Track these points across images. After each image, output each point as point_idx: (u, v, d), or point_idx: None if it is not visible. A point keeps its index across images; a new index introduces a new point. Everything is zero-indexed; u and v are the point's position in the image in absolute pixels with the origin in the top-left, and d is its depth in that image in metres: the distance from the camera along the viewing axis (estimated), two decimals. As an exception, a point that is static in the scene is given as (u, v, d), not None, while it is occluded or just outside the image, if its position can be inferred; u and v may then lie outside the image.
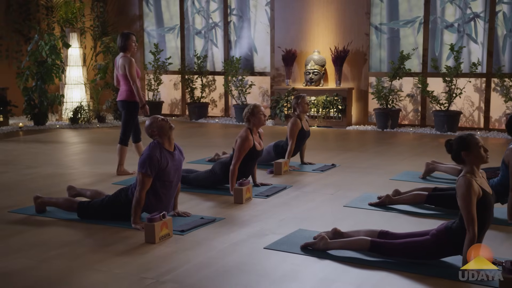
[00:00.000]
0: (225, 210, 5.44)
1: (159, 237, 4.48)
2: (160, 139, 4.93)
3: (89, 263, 4.05)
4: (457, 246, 3.80)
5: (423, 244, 3.92)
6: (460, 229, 3.79)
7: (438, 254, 3.93)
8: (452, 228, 3.85)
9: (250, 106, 6.16)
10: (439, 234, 3.89)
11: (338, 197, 5.94)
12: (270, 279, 3.78)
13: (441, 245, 3.86)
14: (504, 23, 10.63)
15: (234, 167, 5.97)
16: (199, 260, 4.11)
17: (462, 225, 3.77)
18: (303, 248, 4.30)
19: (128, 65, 6.87)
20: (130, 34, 7.01)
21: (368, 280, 3.75)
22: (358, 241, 4.13)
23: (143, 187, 4.76)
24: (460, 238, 3.78)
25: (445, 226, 3.92)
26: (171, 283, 3.68)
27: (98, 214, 5.04)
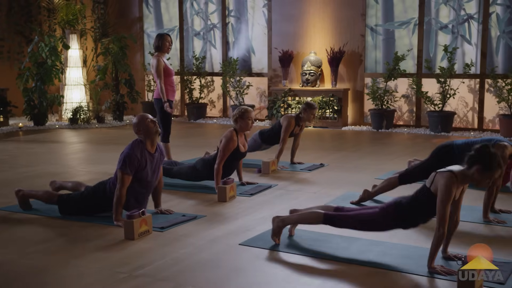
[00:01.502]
0: (208, 208, 5.57)
1: (138, 234, 4.61)
2: (143, 139, 5.05)
3: (66, 258, 4.17)
4: (403, 221, 4.04)
5: (372, 216, 4.11)
6: (409, 206, 3.98)
7: (385, 226, 4.12)
8: (401, 203, 4.02)
9: (241, 109, 6.24)
10: (388, 207, 4.07)
11: (322, 195, 6.05)
12: (241, 274, 3.89)
13: (388, 218, 4.05)
14: (497, 24, 10.71)
15: (218, 166, 6.09)
16: (174, 255, 4.24)
17: (412, 203, 3.97)
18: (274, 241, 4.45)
19: (154, 64, 7.27)
20: (165, 35, 7.40)
21: (335, 274, 3.86)
22: (312, 214, 4.32)
23: (123, 185, 4.88)
24: (406, 214, 4.00)
25: (394, 201, 4.09)
26: (143, 277, 3.80)
27: (78, 205, 5.18)
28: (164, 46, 7.34)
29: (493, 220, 4.97)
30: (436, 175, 3.87)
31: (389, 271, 3.90)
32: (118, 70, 12.74)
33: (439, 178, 3.82)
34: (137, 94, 12.77)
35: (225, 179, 5.94)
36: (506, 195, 5.98)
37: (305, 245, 4.42)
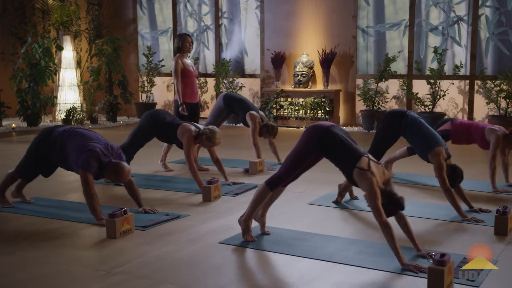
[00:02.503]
0: (192, 208, 5.64)
1: (120, 232, 4.68)
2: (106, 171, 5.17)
3: (45, 256, 4.24)
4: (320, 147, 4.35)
5: (293, 152, 4.45)
6: (331, 146, 4.30)
7: (308, 151, 4.40)
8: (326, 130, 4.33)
9: (211, 131, 6.27)
10: (302, 135, 4.44)
11: (305, 195, 6.12)
12: (219, 272, 3.96)
13: (306, 144, 4.39)
14: (486, 26, 10.79)
15: (191, 166, 6.18)
16: (154, 253, 4.31)
17: (334, 149, 4.30)
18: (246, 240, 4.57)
19: (173, 66, 7.29)
20: (186, 35, 7.37)
21: (314, 270, 3.93)
22: (258, 192, 4.55)
23: (90, 184, 4.97)
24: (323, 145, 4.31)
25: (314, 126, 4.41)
26: (121, 274, 3.87)
27: (27, 160, 5.49)
28: (184, 47, 7.31)
29: (471, 219, 5.04)
30: (356, 172, 4.12)
31: (365, 268, 3.97)
32: (112, 71, 12.82)
33: (363, 178, 4.08)
34: (130, 95, 12.84)
35: (210, 179, 6.01)
36: (486, 194, 6.06)
37: (284, 244, 4.49)
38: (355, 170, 4.13)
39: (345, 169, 4.25)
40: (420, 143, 5.51)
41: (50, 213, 5.38)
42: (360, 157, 4.16)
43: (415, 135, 5.57)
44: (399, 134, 5.74)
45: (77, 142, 5.18)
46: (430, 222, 5.12)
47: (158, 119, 6.57)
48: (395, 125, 5.69)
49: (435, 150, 5.32)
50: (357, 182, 4.17)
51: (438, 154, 5.29)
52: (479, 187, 6.39)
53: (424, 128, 5.55)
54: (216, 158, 6.63)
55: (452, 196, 5.15)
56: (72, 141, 5.22)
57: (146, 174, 7.26)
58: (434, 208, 5.51)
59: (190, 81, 7.37)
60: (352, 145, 4.26)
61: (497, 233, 4.66)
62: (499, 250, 4.30)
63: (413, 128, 5.57)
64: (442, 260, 3.53)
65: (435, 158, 5.30)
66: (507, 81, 10.22)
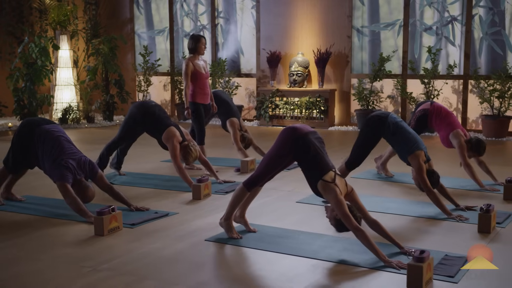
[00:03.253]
0: (182, 206, 5.70)
1: (108, 230, 4.73)
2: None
3: (32, 253, 4.30)
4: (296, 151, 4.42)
5: (270, 152, 4.53)
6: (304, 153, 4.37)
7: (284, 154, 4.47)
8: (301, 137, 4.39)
9: (187, 152, 6.37)
10: (279, 136, 4.50)
11: (295, 193, 6.17)
12: (203, 268, 4.02)
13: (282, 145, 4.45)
14: (480, 26, 10.84)
15: (178, 167, 6.26)
16: (141, 251, 4.36)
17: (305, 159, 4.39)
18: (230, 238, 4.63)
19: (184, 67, 7.21)
20: (200, 37, 7.27)
21: (297, 267, 3.98)
22: (236, 193, 4.63)
23: (70, 193, 5.07)
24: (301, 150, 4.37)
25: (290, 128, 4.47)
26: (106, 271, 3.93)
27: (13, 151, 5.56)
28: (200, 48, 7.24)
29: (456, 217, 5.09)
30: (321, 183, 4.25)
31: (348, 265, 4.03)
32: (108, 70, 12.88)
33: (327, 189, 4.21)
34: (127, 94, 12.89)
35: (200, 177, 6.07)
36: (474, 192, 6.12)
37: (269, 241, 4.54)
38: (320, 181, 4.26)
39: (311, 178, 4.35)
40: (400, 146, 5.56)
41: (40, 211, 5.44)
42: (328, 171, 4.28)
43: (396, 138, 5.61)
44: (380, 137, 5.77)
45: (52, 154, 5.25)
46: (415, 220, 5.17)
47: (149, 109, 6.60)
48: (376, 129, 5.72)
49: (415, 153, 5.38)
50: (321, 193, 4.29)
51: (417, 156, 5.36)
52: (469, 185, 6.43)
53: (404, 131, 5.59)
54: (203, 159, 6.70)
55: (435, 196, 5.21)
56: (47, 148, 5.29)
57: (140, 172, 7.30)
58: (420, 206, 5.56)
59: (202, 83, 7.31)
60: (324, 157, 4.35)
61: (481, 231, 4.71)
62: (480, 247, 4.36)
63: (394, 131, 5.59)
64: (421, 257, 3.58)
65: (414, 161, 5.37)
66: (500, 81, 10.27)
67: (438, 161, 8.15)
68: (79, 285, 3.69)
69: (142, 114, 6.60)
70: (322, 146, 4.43)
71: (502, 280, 3.74)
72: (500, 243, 4.49)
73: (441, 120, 6.64)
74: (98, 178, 5.37)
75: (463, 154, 6.33)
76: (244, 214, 4.82)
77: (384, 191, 6.37)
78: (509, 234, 4.71)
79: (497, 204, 5.59)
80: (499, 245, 4.43)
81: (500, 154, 8.94)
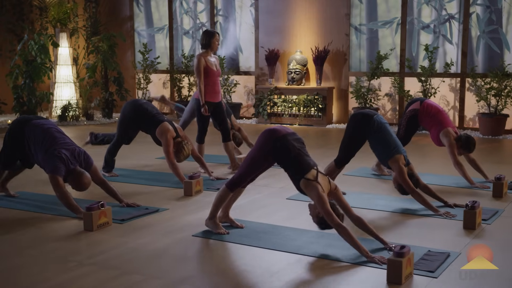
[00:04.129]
0: (173, 202, 5.75)
1: (97, 225, 4.79)
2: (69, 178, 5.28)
3: (21, 248, 4.36)
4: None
5: (251, 154, 4.59)
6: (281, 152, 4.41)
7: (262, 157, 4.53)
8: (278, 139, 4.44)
9: (179, 149, 6.43)
10: (259, 138, 4.55)
11: (286, 190, 6.20)
12: (188, 263, 4.07)
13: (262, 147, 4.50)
14: (477, 24, 10.85)
15: (172, 163, 6.33)
16: (128, 246, 4.42)
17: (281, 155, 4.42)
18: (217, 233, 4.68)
19: (195, 64, 7.03)
20: (214, 33, 7.06)
21: (281, 262, 4.03)
22: (219, 194, 4.69)
23: (61, 186, 5.10)
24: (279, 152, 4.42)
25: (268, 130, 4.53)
26: (92, 265, 3.98)
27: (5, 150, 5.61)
28: (213, 44, 7.01)
29: (444, 214, 5.13)
30: (303, 182, 4.30)
31: (331, 260, 4.07)
32: (107, 68, 12.93)
33: (309, 187, 4.25)
34: (126, 91, 12.94)
35: (192, 174, 6.11)
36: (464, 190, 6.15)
37: (255, 237, 4.59)
38: (302, 180, 4.30)
39: (294, 177, 4.39)
40: (380, 150, 5.59)
41: (32, 207, 5.50)
42: (310, 170, 4.32)
43: (377, 141, 5.63)
44: (365, 135, 5.76)
45: (44, 145, 5.27)
46: (402, 216, 5.21)
47: (140, 106, 6.71)
48: (362, 128, 5.74)
49: (394, 157, 5.42)
50: (304, 191, 4.34)
51: (397, 160, 5.41)
52: (460, 183, 6.46)
53: (386, 135, 5.60)
54: (196, 155, 6.74)
55: (419, 196, 5.28)
56: (39, 140, 5.32)
57: (134, 169, 7.35)
58: (408, 203, 5.59)
59: (212, 80, 7.07)
60: (304, 157, 4.39)
61: (466, 227, 4.75)
62: (464, 244, 4.39)
63: (376, 133, 5.60)
64: (401, 252, 3.62)
65: (394, 165, 5.42)
66: (497, 79, 10.29)
67: (431, 159, 8.21)
68: (64, 279, 3.75)
69: (134, 112, 6.66)
70: (301, 147, 4.47)
71: (485, 275, 3.77)
72: (483, 239, 4.53)
73: (431, 119, 6.66)
74: (92, 170, 5.38)
75: (453, 152, 6.36)
76: (228, 214, 4.88)
77: (375, 188, 6.41)
78: (493, 231, 4.75)
79: (485, 202, 5.66)
80: (482, 241, 4.46)
81: (495, 152, 8.96)
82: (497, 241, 4.48)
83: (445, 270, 3.83)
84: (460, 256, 4.10)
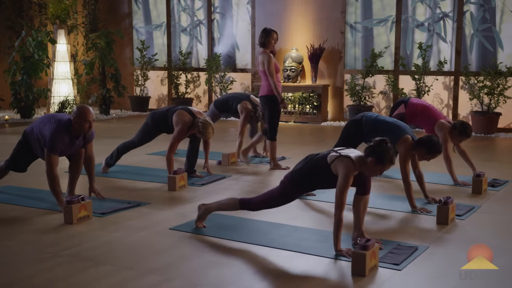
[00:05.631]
0: (156, 196, 5.83)
1: (77, 218, 4.87)
2: (73, 126, 5.21)
3: (2, 239, 4.45)
4: (301, 186, 4.39)
5: (275, 192, 4.48)
6: (305, 175, 4.29)
7: (289, 196, 4.45)
8: (295, 172, 4.35)
9: (204, 125, 6.25)
10: (285, 180, 4.41)
11: (270, 186, 6.26)
12: (161, 255, 4.14)
13: (287, 188, 4.37)
14: (471, 22, 10.89)
15: (169, 155, 6.36)
16: (105, 238, 4.50)
17: (308, 172, 4.27)
18: (196, 227, 4.73)
19: (267, 61, 7.04)
20: (272, 31, 7.16)
21: (251, 254, 4.11)
22: (229, 202, 4.64)
23: (53, 166, 5.13)
24: (302, 181, 4.31)
25: (290, 171, 4.41)
26: (67, 257, 4.07)
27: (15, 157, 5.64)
28: (270, 43, 7.15)
29: (420, 210, 5.20)
30: (337, 160, 4.09)
31: (301, 253, 4.14)
32: (105, 64, 13.03)
33: (340, 164, 4.07)
34: (123, 88, 13.04)
35: (176, 169, 6.19)
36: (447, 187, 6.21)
37: (229, 229, 4.67)
38: (331, 165, 4.14)
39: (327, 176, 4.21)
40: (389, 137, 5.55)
41: (17, 201, 5.58)
42: (327, 154, 4.22)
43: (379, 132, 5.62)
44: (358, 138, 5.81)
45: (48, 124, 5.27)
46: (377, 211, 5.28)
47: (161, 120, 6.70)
48: (354, 132, 5.79)
49: (401, 138, 5.39)
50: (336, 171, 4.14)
51: (404, 142, 5.36)
52: (444, 180, 6.51)
53: (385, 123, 5.65)
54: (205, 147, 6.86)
55: (409, 188, 5.29)
56: (46, 127, 5.28)
57: (122, 165, 7.42)
58: (387, 199, 5.67)
59: (277, 75, 7.16)
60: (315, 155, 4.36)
61: (439, 222, 4.82)
62: (434, 238, 4.47)
63: (375, 127, 5.61)
64: (366, 245, 3.70)
65: (401, 148, 5.38)
66: (489, 77, 10.32)
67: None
68: (36, 269, 3.83)
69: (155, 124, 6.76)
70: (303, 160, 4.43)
71: (451, 266, 3.85)
72: (452, 234, 4.60)
73: (420, 117, 6.67)
74: (90, 144, 5.48)
75: (445, 147, 6.29)
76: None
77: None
78: (465, 226, 4.82)
79: (464, 198, 5.72)
80: (451, 236, 4.55)
81: (486, 149, 9.01)
82: (465, 236, 4.55)
83: (410, 263, 3.90)
84: (428, 250, 4.17)
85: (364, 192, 4.26)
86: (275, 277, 3.77)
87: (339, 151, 4.17)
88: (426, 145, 5.22)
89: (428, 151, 5.22)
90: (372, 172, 4.07)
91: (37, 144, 5.37)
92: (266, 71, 7.04)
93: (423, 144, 5.24)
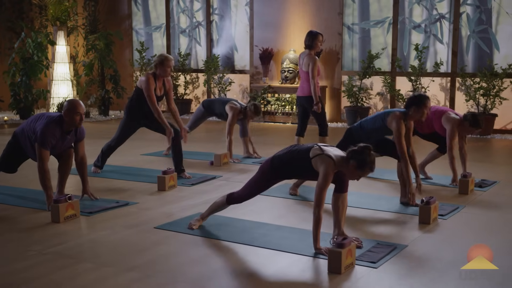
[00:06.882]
0: (144, 196, 5.88)
1: (64, 217, 4.93)
2: (65, 120, 5.25)
3: (-15, 238, 4.53)
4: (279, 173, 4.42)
5: (254, 178, 4.56)
6: (284, 163, 4.34)
7: (268, 181, 4.51)
8: (275, 158, 4.40)
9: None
10: (264, 165, 4.48)
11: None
12: (143, 253, 4.19)
13: (267, 173, 4.44)
14: (467, 24, 10.92)
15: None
16: (90, 237, 4.57)
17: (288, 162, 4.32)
18: (189, 228, 4.74)
19: (312, 64, 7.24)
20: (318, 34, 7.34)
21: (233, 253, 4.16)
22: (218, 202, 4.70)
23: (44, 161, 5.16)
24: (282, 168, 4.37)
25: (271, 157, 4.45)
26: (50, 254, 4.13)
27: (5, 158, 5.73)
28: (316, 45, 7.32)
29: (409, 195, 5.29)
30: (319, 157, 4.12)
31: (281, 252, 4.19)
32: (104, 66, 13.11)
33: (321, 162, 4.09)
34: (122, 89, 13.12)
35: (166, 169, 6.24)
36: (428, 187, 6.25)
37: (213, 228, 4.72)
38: (312, 160, 4.16)
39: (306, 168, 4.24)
40: (378, 131, 5.59)
41: (6, 200, 5.65)
42: (311, 148, 4.22)
43: (373, 133, 5.62)
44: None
45: (40, 121, 5.32)
46: (358, 210, 5.33)
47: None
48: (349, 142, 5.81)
49: (390, 115, 5.39)
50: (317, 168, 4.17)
51: (395, 117, 5.33)
52: (434, 180, 6.55)
53: (368, 122, 5.68)
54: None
55: (406, 164, 5.30)
56: (36, 125, 5.33)
57: (115, 165, 7.48)
58: (374, 199, 5.71)
59: (318, 78, 7.40)
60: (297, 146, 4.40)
61: (421, 221, 4.86)
62: (414, 237, 4.51)
63: (366, 133, 5.63)
64: (342, 243, 3.75)
65: (392, 124, 5.34)
66: (485, 79, 10.35)
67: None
68: (18, 267, 3.89)
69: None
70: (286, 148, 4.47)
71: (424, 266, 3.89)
72: (432, 233, 4.65)
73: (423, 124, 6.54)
74: (81, 143, 5.51)
75: (451, 142, 6.22)
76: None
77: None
78: (446, 225, 4.86)
79: (450, 198, 5.76)
80: (432, 235, 4.59)
81: (481, 150, 9.01)
82: (445, 235, 4.60)
83: (387, 261, 3.95)
84: (406, 248, 4.21)
85: (342, 190, 4.29)
86: (253, 275, 3.82)
87: (322, 147, 4.19)
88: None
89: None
90: (350, 176, 4.11)
91: (28, 142, 5.41)
92: (309, 73, 7.24)
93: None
